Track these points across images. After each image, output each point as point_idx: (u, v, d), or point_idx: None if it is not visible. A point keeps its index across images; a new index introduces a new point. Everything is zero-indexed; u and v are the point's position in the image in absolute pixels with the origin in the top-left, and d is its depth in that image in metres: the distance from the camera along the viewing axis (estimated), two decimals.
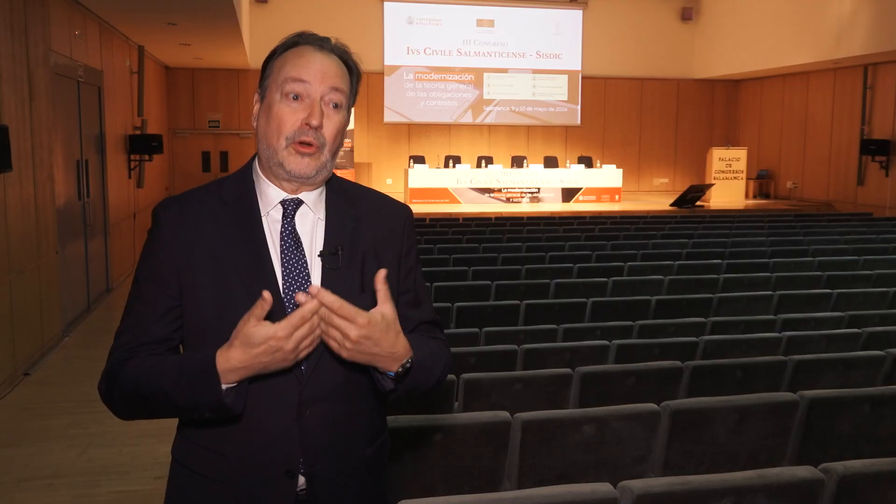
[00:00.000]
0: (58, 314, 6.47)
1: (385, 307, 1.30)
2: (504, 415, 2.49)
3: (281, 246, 1.42)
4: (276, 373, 1.33)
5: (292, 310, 1.38)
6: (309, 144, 1.39)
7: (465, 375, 3.06)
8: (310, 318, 1.24)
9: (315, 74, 1.39)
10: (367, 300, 1.44)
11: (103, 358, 1.44)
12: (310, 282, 1.41)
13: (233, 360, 1.26)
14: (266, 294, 1.23)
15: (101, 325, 7.08)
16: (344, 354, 1.29)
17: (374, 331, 1.28)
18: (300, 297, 1.25)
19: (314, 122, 1.38)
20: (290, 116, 1.39)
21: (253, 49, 13.34)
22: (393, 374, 1.35)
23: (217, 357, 1.27)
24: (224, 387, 1.28)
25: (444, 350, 1.53)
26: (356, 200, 1.51)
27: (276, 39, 1.47)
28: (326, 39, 1.45)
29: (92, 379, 5.19)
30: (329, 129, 1.41)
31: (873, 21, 11.92)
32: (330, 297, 1.24)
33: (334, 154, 1.45)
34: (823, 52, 13.05)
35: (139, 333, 1.40)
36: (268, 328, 1.23)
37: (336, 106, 1.42)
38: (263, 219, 1.43)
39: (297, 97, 1.39)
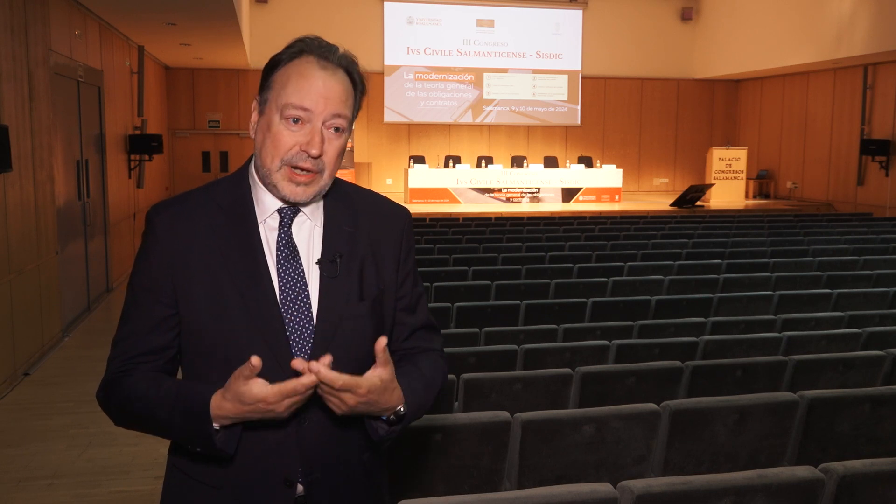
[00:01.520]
0: (58, 314, 6.47)
1: (384, 371, 1.28)
2: (504, 415, 2.49)
3: (277, 255, 1.40)
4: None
5: (289, 317, 1.38)
6: (306, 171, 1.36)
7: (465, 375, 3.06)
8: (303, 392, 1.23)
9: (317, 101, 1.34)
10: (365, 307, 1.43)
11: (103, 358, 1.43)
12: (307, 291, 1.39)
13: (225, 409, 1.26)
14: (254, 360, 1.21)
15: (101, 325, 7.09)
16: (339, 413, 1.29)
17: (373, 396, 1.28)
18: (297, 363, 1.22)
19: (314, 153, 1.34)
20: (287, 139, 1.35)
21: (253, 49, 13.34)
22: (385, 418, 1.35)
23: (212, 400, 1.27)
24: (217, 426, 1.28)
25: (437, 367, 1.52)
26: (354, 203, 1.49)
27: (276, 39, 1.43)
28: (332, 50, 1.38)
29: (92, 379, 5.19)
30: (329, 155, 1.37)
31: (873, 21, 11.92)
32: (330, 376, 1.22)
33: (333, 176, 1.41)
34: (823, 52, 13.05)
35: (136, 343, 1.38)
36: (259, 390, 1.22)
37: (337, 130, 1.37)
38: (260, 226, 1.41)
39: (296, 121, 1.35)
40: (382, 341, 1.27)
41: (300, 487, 1.40)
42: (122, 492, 3.68)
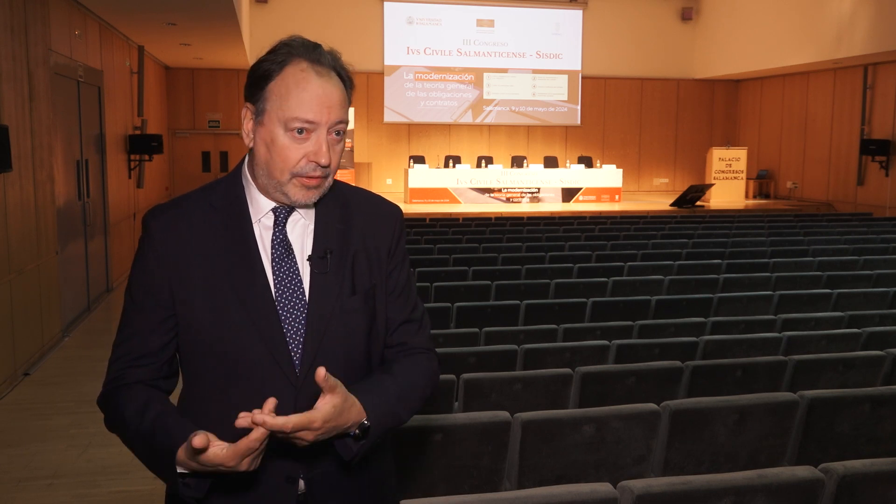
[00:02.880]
0: (58, 314, 6.47)
1: (333, 397, 1.26)
2: (504, 415, 2.49)
3: (272, 253, 1.42)
4: (271, 380, 1.37)
5: (284, 314, 1.40)
6: (316, 177, 1.38)
7: (465, 375, 3.06)
8: (258, 446, 1.21)
9: (321, 112, 1.35)
10: (357, 302, 1.44)
11: (103, 358, 1.44)
12: (302, 287, 1.41)
13: (191, 465, 1.26)
14: (196, 440, 1.18)
15: (101, 326, 7.09)
16: (301, 447, 1.30)
17: (331, 423, 1.27)
18: (242, 421, 1.20)
19: (324, 162, 1.36)
20: (295, 153, 1.36)
21: (253, 49, 13.32)
22: (352, 434, 1.34)
23: (179, 451, 1.26)
24: (188, 471, 1.28)
25: (420, 369, 1.50)
26: (346, 201, 1.51)
27: (276, 39, 1.39)
28: (318, 51, 1.38)
29: (92, 379, 5.19)
30: (334, 158, 1.40)
31: (873, 21, 11.92)
32: (277, 423, 1.20)
33: (335, 174, 1.45)
34: (823, 52, 13.05)
35: (135, 346, 1.41)
36: (215, 455, 1.20)
37: (339, 133, 1.40)
38: (255, 225, 1.43)
39: (301, 131, 1.36)
40: (321, 372, 1.24)
41: (302, 484, 1.42)
42: (122, 492, 3.68)
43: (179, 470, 1.28)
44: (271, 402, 1.21)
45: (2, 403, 4.94)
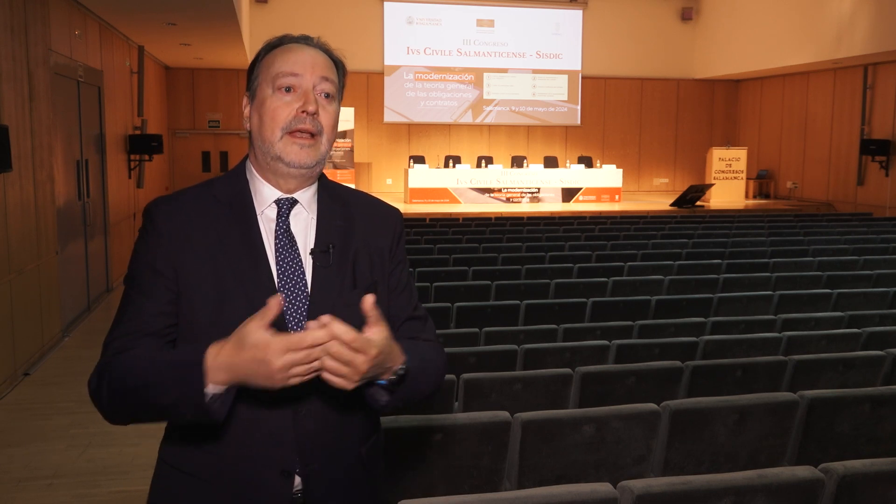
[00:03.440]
0: (58, 314, 6.47)
1: (382, 327, 1.25)
2: (504, 415, 2.49)
3: (276, 244, 1.42)
4: None
5: (287, 305, 1.39)
6: (308, 134, 1.39)
7: (465, 375, 3.06)
8: (308, 345, 1.17)
9: (305, 66, 1.40)
10: (359, 296, 1.43)
11: None
12: (305, 279, 1.41)
13: (222, 356, 1.20)
14: (272, 302, 1.17)
15: (101, 325, 7.09)
16: (350, 387, 1.23)
17: (381, 356, 1.24)
18: (310, 323, 1.18)
19: (311, 109, 1.38)
20: (284, 108, 1.39)
21: (253, 49, 13.33)
22: (385, 381, 1.31)
23: (209, 350, 1.22)
24: (211, 387, 1.22)
25: (436, 353, 1.51)
26: (348, 202, 1.52)
27: None
28: (307, 37, 1.47)
29: None
30: (325, 118, 1.41)
31: (873, 21, 11.92)
32: (342, 329, 1.18)
33: (331, 145, 1.45)
34: (823, 52, 13.05)
35: (139, 325, 1.35)
36: (262, 334, 1.17)
37: (328, 96, 1.43)
38: (258, 217, 1.43)
39: (289, 89, 1.40)
40: (370, 299, 1.23)
41: (297, 479, 1.40)
42: (122, 492, 3.68)
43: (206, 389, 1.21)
44: (328, 319, 1.20)
45: (2, 403, 4.94)
